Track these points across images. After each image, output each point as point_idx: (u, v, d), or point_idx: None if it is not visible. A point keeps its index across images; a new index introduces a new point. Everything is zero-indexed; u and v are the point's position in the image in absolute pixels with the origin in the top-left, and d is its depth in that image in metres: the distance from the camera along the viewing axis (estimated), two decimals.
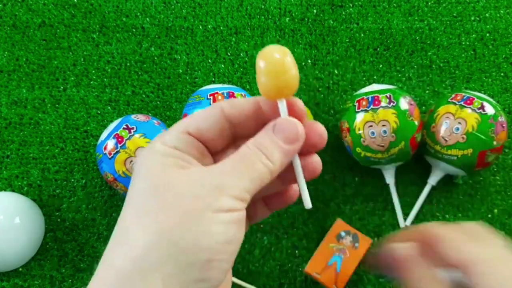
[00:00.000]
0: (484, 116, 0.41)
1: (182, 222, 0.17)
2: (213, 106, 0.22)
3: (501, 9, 0.54)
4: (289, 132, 0.20)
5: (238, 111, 0.21)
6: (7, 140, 0.48)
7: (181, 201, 0.18)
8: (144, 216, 0.17)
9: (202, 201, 0.18)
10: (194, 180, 0.18)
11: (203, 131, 0.21)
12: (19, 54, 0.51)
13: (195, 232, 0.17)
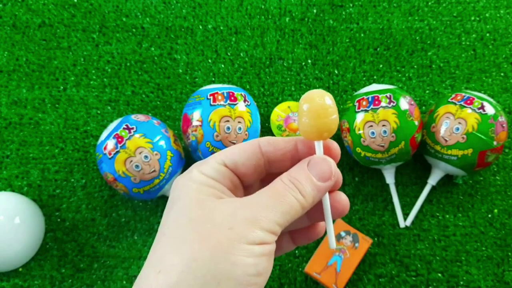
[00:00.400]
0: (484, 116, 0.41)
1: (216, 252, 0.18)
2: (251, 142, 0.22)
3: (501, 9, 0.54)
4: (324, 169, 0.21)
5: (275, 149, 0.22)
6: (7, 140, 0.48)
7: (215, 232, 0.18)
8: (180, 245, 0.18)
9: (236, 233, 0.18)
10: (229, 212, 0.19)
11: (239, 165, 0.22)
12: (19, 54, 0.51)
13: (227, 263, 0.18)
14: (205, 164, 0.21)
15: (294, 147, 0.23)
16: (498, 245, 0.45)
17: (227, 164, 0.21)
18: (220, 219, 0.19)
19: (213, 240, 0.18)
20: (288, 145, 0.22)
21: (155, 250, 0.19)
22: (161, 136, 0.41)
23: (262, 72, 0.51)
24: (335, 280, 0.40)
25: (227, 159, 0.21)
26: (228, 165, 0.21)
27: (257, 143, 0.22)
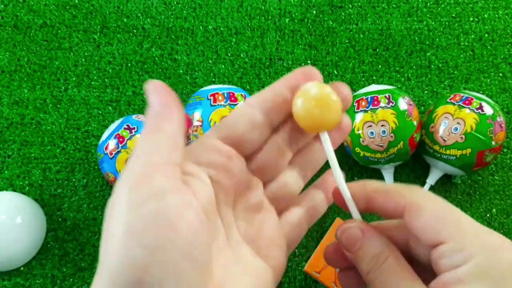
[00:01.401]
0: (482, 116, 0.41)
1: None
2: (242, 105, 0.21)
3: (499, 10, 0.54)
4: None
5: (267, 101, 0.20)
6: (8, 140, 0.48)
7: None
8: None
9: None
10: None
11: (231, 127, 0.20)
12: (20, 55, 0.51)
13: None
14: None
15: (282, 95, 0.20)
16: None
17: (219, 135, 0.20)
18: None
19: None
20: (271, 91, 0.20)
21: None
22: None
23: (262, 73, 0.52)
24: (334, 279, 0.41)
25: (218, 129, 0.20)
26: (220, 135, 0.20)
27: (243, 102, 0.21)
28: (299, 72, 0.20)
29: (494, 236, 0.18)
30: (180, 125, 0.18)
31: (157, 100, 0.18)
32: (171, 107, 0.18)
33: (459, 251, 0.17)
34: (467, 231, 0.17)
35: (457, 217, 0.18)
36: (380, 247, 0.19)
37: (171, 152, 0.18)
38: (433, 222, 0.18)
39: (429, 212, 0.18)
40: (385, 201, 0.20)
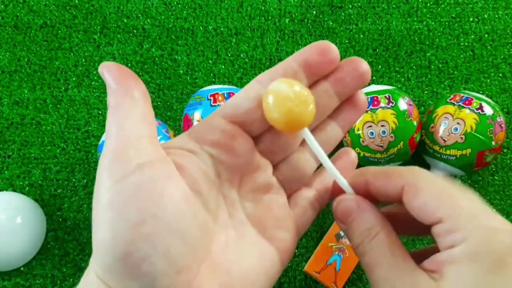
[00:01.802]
0: (482, 116, 0.41)
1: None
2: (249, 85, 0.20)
3: (499, 10, 0.54)
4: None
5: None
6: (8, 140, 0.48)
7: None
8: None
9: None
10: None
11: (237, 104, 0.19)
12: (20, 55, 0.51)
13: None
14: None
15: (293, 69, 0.19)
16: None
17: (225, 114, 0.20)
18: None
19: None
20: (281, 67, 0.19)
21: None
22: (162, 136, 0.41)
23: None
24: (334, 279, 0.41)
25: (224, 107, 0.20)
26: (226, 114, 0.19)
27: (251, 81, 0.20)
28: (314, 47, 0.19)
29: (493, 218, 0.17)
30: (144, 97, 0.18)
31: (112, 77, 0.18)
32: (130, 82, 0.18)
33: (455, 231, 0.17)
34: (464, 212, 0.17)
35: (456, 198, 0.17)
36: (372, 221, 0.19)
37: (143, 124, 0.17)
38: (430, 202, 0.17)
39: (426, 193, 0.18)
40: (384, 184, 0.19)
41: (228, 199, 0.20)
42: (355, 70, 0.20)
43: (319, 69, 0.20)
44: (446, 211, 0.17)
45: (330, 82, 0.20)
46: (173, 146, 0.19)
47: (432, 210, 0.17)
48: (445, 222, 0.17)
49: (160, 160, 0.17)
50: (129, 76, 0.18)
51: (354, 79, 0.20)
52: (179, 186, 0.17)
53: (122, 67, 0.18)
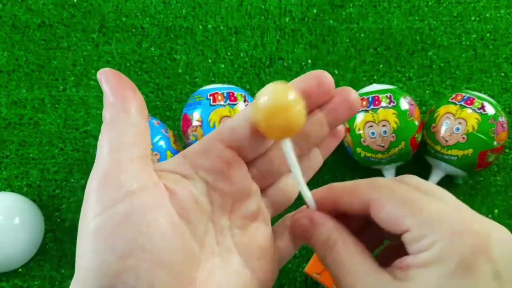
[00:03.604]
0: (484, 116, 0.41)
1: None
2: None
3: (501, 9, 0.54)
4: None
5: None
6: (6, 141, 0.48)
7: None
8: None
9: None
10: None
11: (235, 128, 0.19)
12: (18, 54, 0.51)
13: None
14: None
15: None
16: None
17: (220, 136, 0.19)
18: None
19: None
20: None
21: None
22: (161, 136, 0.41)
23: (262, 72, 0.51)
24: (335, 281, 0.40)
25: (221, 129, 0.19)
26: (221, 137, 0.19)
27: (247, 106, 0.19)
28: (312, 77, 0.19)
29: (461, 219, 0.17)
30: (141, 113, 0.18)
31: (110, 88, 0.17)
32: (127, 95, 0.17)
33: (422, 238, 0.17)
34: (431, 218, 0.17)
35: (420, 205, 0.18)
36: (327, 233, 0.20)
37: (137, 144, 0.17)
38: (394, 214, 0.18)
39: (389, 205, 0.18)
40: (350, 201, 0.20)
41: (217, 226, 0.19)
42: (346, 101, 0.20)
43: (317, 99, 0.20)
44: (411, 220, 0.17)
45: (323, 112, 0.20)
46: (167, 169, 0.18)
47: (398, 221, 0.18)
48: (412, 230, 0.17)
49: (151, 187, 0.17)
50: (128, 87, 0.17)
51: (346, 109, 0.20)
52: (169, 215, 0.17)
53: (121, 76, 0.18)
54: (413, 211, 0.18)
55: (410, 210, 0.18)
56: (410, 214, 0.18)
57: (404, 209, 0.18)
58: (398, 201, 0.18)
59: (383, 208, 0.18)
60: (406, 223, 0.17)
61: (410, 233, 0.17)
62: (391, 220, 0.18)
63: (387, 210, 0.18)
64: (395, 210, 0.18)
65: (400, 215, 0.18)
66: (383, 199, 0.18)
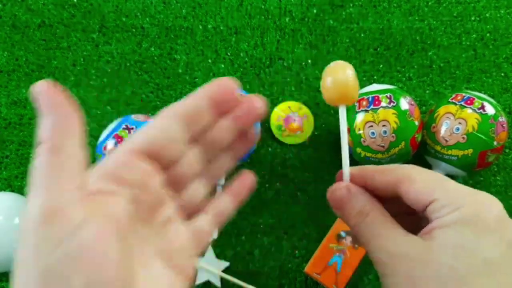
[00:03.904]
0: (484, 116, 0.41)
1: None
2: (157, 115, 0.21)
3: (501, 9, 0.54)
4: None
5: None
6: (6, 141, 0.48)
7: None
8: None
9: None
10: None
11: (151, 141, 0.20)
12: (18, 54, 0.51)
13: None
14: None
15: (201, 104, 0.21)
16: None
17: (137, 149, 0.19)
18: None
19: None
20: (190, 100, 0.21)
21: None
22: None
23: (262, 72, 0.51)
24: (335, 281, 0.40)
25: (135, 142, 0.20)
26: (138, 149, 0.19)
27: (162, 112, 0.21)
28: (219, 85, 0.21)
29: (485, 195, 0.20)
30: (80, 138, 0.17)
31: (50, 109, 0.16)
32: (67, 117, 0.17)
33: (448, 205, 0.19)
34: (457, 190, 0.20)
35: (447, 182, 0.21)
36: (363, 202, 0.23)
37: (77, 174, 0.16)
38: (424, 188, 0.21)
39: (420, 181, 0.21)
40: (381, 178, 0.22)
41: (142, 236, 0.20)
42: (251, 108, 0.22)
43: (223, 107, 0.22)
44: (440, 192, 0.20)
45: (230, 119, 0.22)
46: (94, 191, 0.18)
47: (428, 193, 0.20)
48: (439, 200, 0.20)
49: (92, 217, 0.16)
50: (69, 110, 0.17)
51: (251, 117, 0.22)
52: (111, 244, 0.16)
53: (61, 95, 0.17)
54: (442, 186, 0.20)
55: (439, 185, 0.20)
56: (439, 188, 0.20)
57: (433, 184, 0.21)
58: (428, 178, 0.21)
59: (414, 184, 0.21)
60: (435, 194, 0.20)
61: (437, 202, 0.20)
62: (420, 194, 0.21)
63: (418, 184, 0.21)
64: (425, 185, 0.21)
65: (430, 189, 0.20)
66: (414, 176, 0.21)
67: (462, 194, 0.20)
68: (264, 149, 0.48)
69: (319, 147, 0.48)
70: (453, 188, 0.20)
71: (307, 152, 0.47)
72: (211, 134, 0.22)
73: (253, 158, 0.48)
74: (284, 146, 0.48)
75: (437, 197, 0.20)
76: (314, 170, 0.47)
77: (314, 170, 0.47)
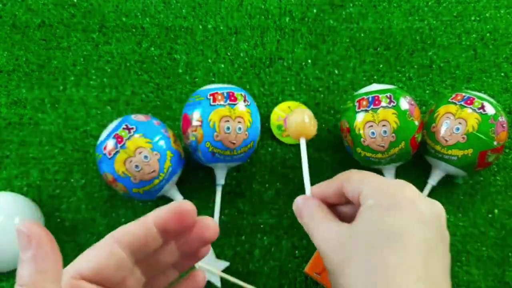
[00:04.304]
0: (484, 116, 0.41)
1: None
2: (104, 240, 0.21)
3: (501, 9, 0.54)
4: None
5: (133, 238, 0.21)
6: (6, 140, 0.48)
7: None
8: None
9: None
10: None
11: (101, 270, 0.20)
12: (18, 54, 0.51)
13: None
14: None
15: (152, 234, 0.22)
16: (498, 245, 0.45)
17: (84, 274, 0.20)
18: None
19: None
20: (141, 229, 0.21)
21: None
22: (161, 136, 0.41)
23: (262, 72, 0.51)
24: None
25: (82, 268, 0.20)
26: (85, 275, 0.20)
27: (111, 237, 0.21)
28: (171, 209, 0.22)
29: (398, 181, 0.27)
30: (59, 280, 0.18)
31: (29, 247, 0.17)
32: (47, 257, 0.17)
33: (369, 194, 0.27)
34: (378, 182, 0.27)
35: (372, 177, 0.28)
36: (311, 206, 0.30)
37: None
38: (355, 185, 0.28)
39: (353, 179, 0.28)
40: (331, 185, 0.30)
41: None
42: (202, 237, 0.23)
43: (175, 233, 0.23)
44: (365, 186, 0.27)
45: (179, 243, 0.24)
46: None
47: (358, 188, 0.28)
48: (363, 191, 0.27)
49: None
50: (45, 243, 0.17)
51: (200, 243, 0.24)
52: None
53: (38, 230, 0.17)
54: (366, 181, 0.28)
55: (365, 181, 0.28)
56: (365, 183, 0.28)
57: (360, 181, 0.28)
58: (358, 178, 0.29)
59: (349, 183, 0.28)
60: (361, 189, 0.27)
61: (362, 194, 0.27)
62: (352, 190, 0.28)
63: (351, 184, 0.28)
64: (356, 183, 0.28)
65: (358, 184, 0.28)
66: (350, 177, 0.29)
67: (381, 185, 0.27)
68: (264, 149, 0.48)
69: (319, 147, 0.48)
70: (375, 180, 0.27)
71: (307, 152, 0.47)
72: (157, 256, 0.23)
73: (253, 158, 0.48)
74: (284, 146, 0.48)
75: (363, 190, 0.27)
76: (314, 170, 0.47)
77: (314, 170, 0.47)
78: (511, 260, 0.44)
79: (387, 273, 0.22)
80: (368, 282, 0.23)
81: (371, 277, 0.23)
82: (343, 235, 0.26)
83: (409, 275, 0.22)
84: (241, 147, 0.42)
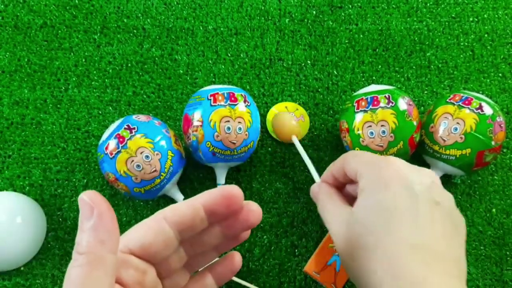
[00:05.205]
0: (482, 116, 0.41)
1: None
2: (154, 216, 0.22)
3: (499, 10, 0.54)
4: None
5: (181, 217, 0.21)
6: (8, 140, 0.48)
7: None
8: None
9: None
10: None
11: (147, 246, 0.21)
12: (20, 55, 0.51)
13: None
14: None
15: (199, 216, 0.22)
16: (496, 244, 0.45)
17: (133, 249, 0.20)
18: None
19: None
20: (190, 210, 0.21)
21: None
22: (162, 136, 0.41)
23: (262, 73, 0.52)
24: (334, 280, 0.41)
25: (131, 243, 0.20)
26: (134, 250, 0.20)
27: (161, 215, 0.21)
28: (223, 197, 0.22)
29: (382, 162, 0.29)
30: (117, 248, 0.18)
31: (97, 224, 0.17)
32: (108, 225, 0.17)
33: (361, 174, 0.29)
34: (367, 164, 0.29)
35: (364, 158, 0.30)
36: (324, 190, 0.34)
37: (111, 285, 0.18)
38: (353, 165, 0.30)
39: (352, 161, 0.31)
40: (335, 166, 0.33)
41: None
42: (247, 222, 0.24)
43: (222, 216, 0.23)
44: (360, 166, 0.30)
45: (223, 226, 0.24)
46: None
47: (354, 168, 0.30)
48: (358, 172, 0.30)
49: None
50: (114, 227, 0.18)
51: (244, 227, 0.24)
52: None
53: (100, 200, 0.18)
54: (360, 161, 0.30)
55: (359, 161, 0.30)
56: (359, 164, 0.30)
57: (357, 161, 0.30)
58: (356, 159, 0.31)
59: (349, 164, 0.31)
60: (357, 169, 0.30)
61: (358, 174, 0.30)
62: (351, 170, 0.30)
63: (350, 165, 0.31)
64: (353, 164, 0.31)
65: (355, 165, 0.30)
66: (349, 159, 0.32)
67: (370, 163, 0.29)
68: (264, 149, 0.49)
69: (319, 147, 0.49)
70: (367, 160, 0.30)
71: (306, 152, 0.48)
72: (201, 237, 0.23)
73: (253, 158, 0.48)
74: (284, 146, 0.49)
75: (357, 170, 0.29)
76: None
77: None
78: (509, 259, 0.45)
79: (386, 254, 0.24)
80: (370, 265, 0.25)
81: (372, 258, 0.25)
82: (348, 221, 0.28)
83: (401, 245, 0.24)
84: (241, 147, 0.42)
